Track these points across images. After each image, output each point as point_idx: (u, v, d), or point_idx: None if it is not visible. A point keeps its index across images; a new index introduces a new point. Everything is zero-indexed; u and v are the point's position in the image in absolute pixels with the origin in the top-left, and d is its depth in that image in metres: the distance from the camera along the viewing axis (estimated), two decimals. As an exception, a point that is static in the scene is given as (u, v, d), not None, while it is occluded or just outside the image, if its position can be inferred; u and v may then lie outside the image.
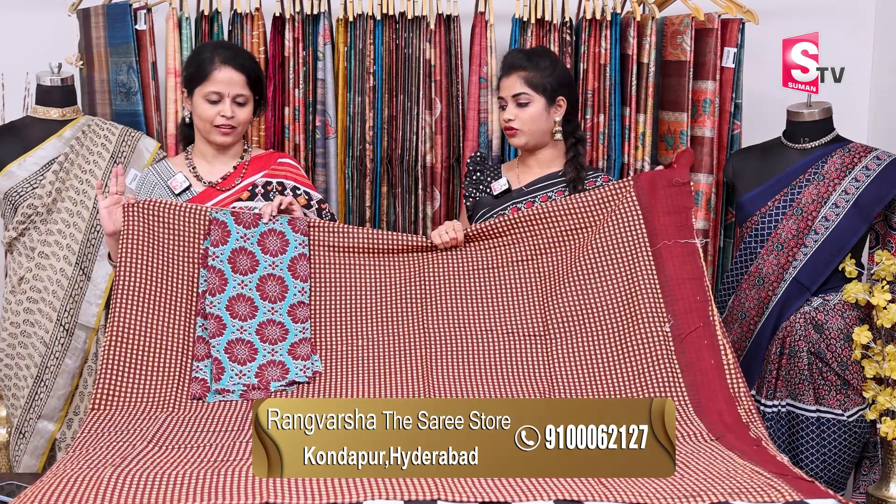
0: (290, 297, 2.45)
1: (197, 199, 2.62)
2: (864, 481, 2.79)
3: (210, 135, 2.64)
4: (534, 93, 2.67)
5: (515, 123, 2.68)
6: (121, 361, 2.30)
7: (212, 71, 2.60)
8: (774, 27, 3.07)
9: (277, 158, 2.75)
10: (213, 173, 2.69)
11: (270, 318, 2.42)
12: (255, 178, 2.68)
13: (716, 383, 2.25)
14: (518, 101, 2.67)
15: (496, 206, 2.74)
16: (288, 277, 2.45)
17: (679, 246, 2.45)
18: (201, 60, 2.63)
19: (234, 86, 2.61)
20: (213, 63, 2.61)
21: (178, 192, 2.63)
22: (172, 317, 2.39)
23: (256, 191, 2.65)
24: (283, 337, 2.41)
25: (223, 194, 2.65)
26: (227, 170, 2.69)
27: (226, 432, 2.13)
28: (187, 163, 2.71)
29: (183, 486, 1.78)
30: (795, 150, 2.83)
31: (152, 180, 2.68)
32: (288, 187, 2.68)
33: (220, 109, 2.60)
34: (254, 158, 2.73)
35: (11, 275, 2.87)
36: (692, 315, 2.33)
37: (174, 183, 2.65)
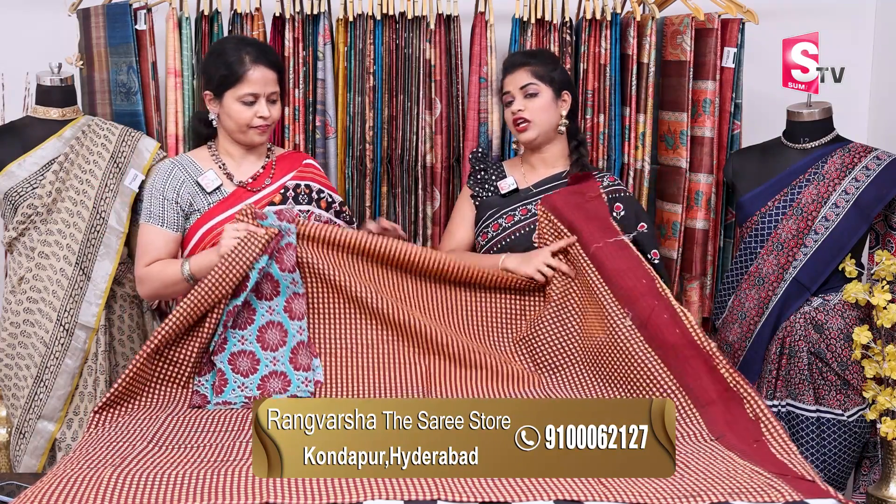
0: (284, 292, 2.40)
1: (228, 201, 2.55)
2: (864, 481, 2.79)
3: (246, 135, 2.56)
4: (541, 83, 2.68)
5: (526, 114, 2.68)
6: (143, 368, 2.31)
7: (245, 72, 2.50)
8: (774, 27, 3.07)
9: (303, 160, 2.70)
10: (242, 172, 2.62)
11: (270, 320, 2.39)
12: (284, 179, 2.62)
13: (687, 349, 2.24)
14: (526, 91, 2.68)
15: (505, 206, 2.74)
16: (275, 270, 2.38)
17: (609, 245, 2.48)
18: (231, 62, 2.51)
19: (269, 84, 2.53)
20: (245, 63, 2.50)
21: (209, 191, 2.55)
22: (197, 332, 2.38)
23: (288, 194, 2.60)
24: (283, 341, 2.38)
25: (255, 195, 2.58)
26: (257, 169, 2.63)
27: (226, 432, 2.13)
28: (213, 159, 2.62)
29: (183, 486, 1.78)
30: (795, 150, 2.83)
31: (180, 176, 2.56)
32: (314, 190, 2.65)
33: (257, 110, 2.51)
34: (279, 158, 2.67)
35: (11, 275, 2.87)
36: (645, 299, 2.34)
37: (205, 181, 2.56)
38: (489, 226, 2.73)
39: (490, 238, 2.72)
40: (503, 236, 2.70)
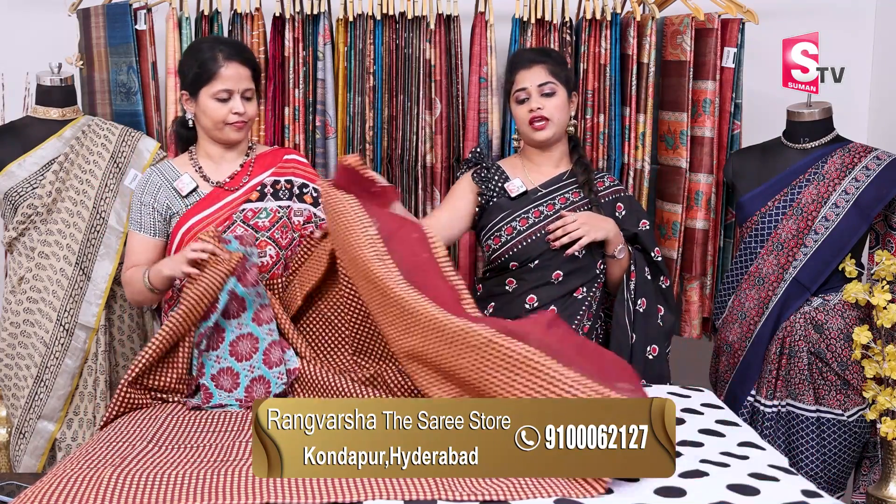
0: (251, 306, 2.38)
1: (205, 201, 2.58)
2: (864, 481, 2.80)
3: (223, 132, 2.57)
4: (558, 83, 2.67)
5: (546, 112, 2.65)
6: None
7: (218, 69, 2.51)
8: (774, 27, 3.07)
9: (283, 155, 2.68)
10: (220, 173, 2.63)
11: (239, 334, 2.37)
12: (262, 177, 2.63)
13: (430, 270, 2.22)
14: (543, 90, 2.66)
15: (517, 209, 2.70)
16: (240, 289, 2.36)
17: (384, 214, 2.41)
18: (204, 60, 2.53)
19: (243, 80, 2.54)
20: (218, 60, 2.52)
21: (185, 194, 2.58)
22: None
23: (265, 191, 2.61)
24: (254, 348, 2.37)
25: (232, 195, 2.59)
26: (234, 168, 2.63)
27: (225, 432, 2.13)
28: (192, 163, 2.64)
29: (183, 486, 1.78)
30: (795, 150, 2.83)
31: (157, 181, 2.61)
32: (296, 185, 2.64)
33: (232, 106, 2.53)
34: (259, 156, 2.67)
35: (11, 275, 2.87)
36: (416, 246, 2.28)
37: (181, 185, 2.58)
38: (502, 229, 2.70)
39: (504, 242, 2.69)
40: (519, 240, 2.68)
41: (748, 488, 1.81)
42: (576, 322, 2.65)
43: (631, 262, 2.68)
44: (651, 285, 2.69)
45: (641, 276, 2.68)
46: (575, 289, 2.66)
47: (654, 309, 2.69)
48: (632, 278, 2.67)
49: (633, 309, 2.66)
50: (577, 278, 2.66)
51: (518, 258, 2.68)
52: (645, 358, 2.66)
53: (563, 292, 2.65)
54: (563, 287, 2.65)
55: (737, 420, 2.24)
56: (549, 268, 2.65)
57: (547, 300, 2.65)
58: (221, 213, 2.55)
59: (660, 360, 2.69)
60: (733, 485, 1.82)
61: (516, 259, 2.68)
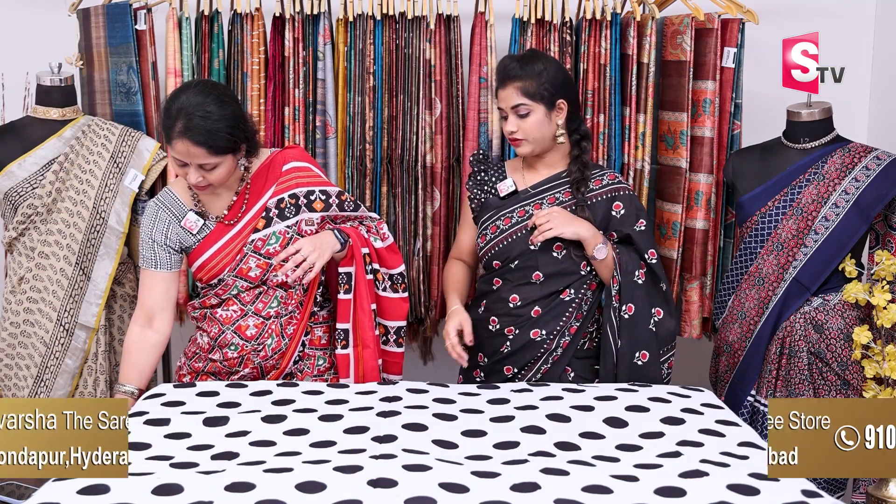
0: None
1: (212, 236, 2.51)
2: (864, 481, 2.79)
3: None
4: (532, 102, 2.61)
5: (519, 135, 2.64)
6: None
7: (171, 138, 2.35)
8: (774, 27, 3.07)
9: (282, 166, 2.56)
10: (217, 206, 2.54)
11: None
12: (263, 199, 2.53)
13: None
14: (518, 112, 2.62)
15: (504, 208, 2.72)
16: None
17: None
18: (165, 119, 2.37)
19: (196, 157, 2.36)
20: (173, 130, 2.34)
21: (195, 233, 2.52)
22: None
23: (271, 215, 2.52)
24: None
25: (234, 229, 2.52)
26: (230, 199, 2.53)
27: None
28: (192, 197, 2.54)
29: None
30: (795, 150, 2.83)
31: (165, 217, 2.53)
32: (301, 196, 2.55)
33: (187, 172, 2.40)
34: (255, 176, 2.54)
35: (11, 275, 2.87)
36: None
37: (189, 224, 2.50)
38: (487, 228, 2.72)
39: (488, 240, 2.70)
40: (500, 238, 2.69)
41: (748, 488, 1.81)
42: (561, 323, 2.63)
43: (615, 264, 2.62)
44: (642, 289, 2.63)
45: (628, 279, 2.61)
46: (560, 290, 2.64)
47: (644, 313, 2.62)
48: (614, 283, 2.62)
49: (619, 314, 2.62)
50: (560, 280, 2.64)
51: (499, 257, 2.68)
52: (632, 364, 2.60)
53: (546, 293, 2.64)
54: (545, 288, 2.64)
55: (737, 420, 2.23)
56: (529, 268, 2.65)
57: (529, 300, 2.64)
58: (231, 247, 2.52)
59: (651, 365, 2.61)
60: (733, 485, 1.82)
61: (498, 258, 2.69)
